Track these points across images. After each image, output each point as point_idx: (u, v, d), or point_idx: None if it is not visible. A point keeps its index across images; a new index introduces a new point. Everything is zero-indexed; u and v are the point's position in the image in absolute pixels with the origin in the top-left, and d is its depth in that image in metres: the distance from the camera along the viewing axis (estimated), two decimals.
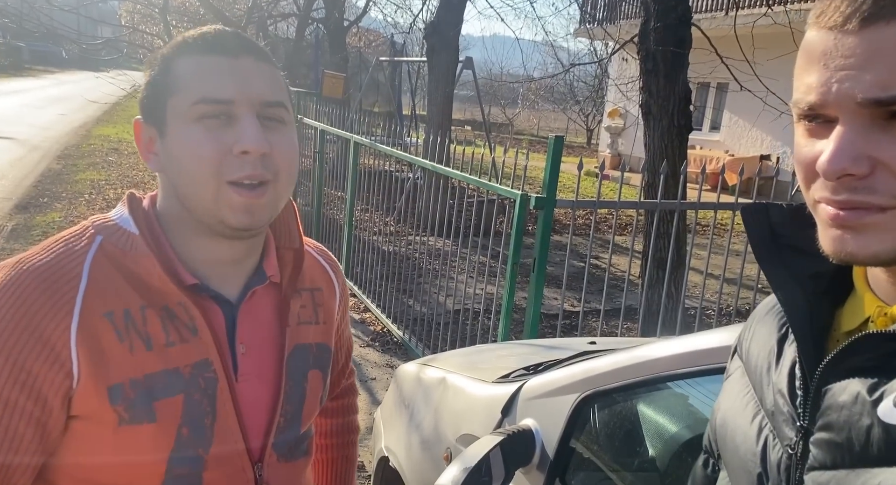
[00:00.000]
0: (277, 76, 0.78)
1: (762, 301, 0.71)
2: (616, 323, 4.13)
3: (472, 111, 23.14)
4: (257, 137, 0.73)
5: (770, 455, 0.59)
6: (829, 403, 0.53)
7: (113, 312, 0.73)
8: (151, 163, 0.79)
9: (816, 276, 0.62)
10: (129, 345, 0.73)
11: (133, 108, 17.01)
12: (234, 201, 0.74)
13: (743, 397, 0.65)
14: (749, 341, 0.68)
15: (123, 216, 0.79)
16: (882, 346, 0.51)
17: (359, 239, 5.10)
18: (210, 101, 0.73)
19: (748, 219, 0.65)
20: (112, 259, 0.75)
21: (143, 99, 0.79)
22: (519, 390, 1.46)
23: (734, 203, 3.22)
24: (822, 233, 0.55)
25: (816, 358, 0.57)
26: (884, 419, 0.48)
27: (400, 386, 2.08)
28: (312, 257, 0.94)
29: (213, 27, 0.78)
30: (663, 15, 3.68)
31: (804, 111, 0.54)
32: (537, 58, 21.86)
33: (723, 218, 7.77)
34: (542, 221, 2.83)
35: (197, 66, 0.74)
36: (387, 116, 9.84)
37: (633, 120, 12.85)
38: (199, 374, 0.76)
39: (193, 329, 0.77)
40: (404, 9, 15.72)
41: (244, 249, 0.82)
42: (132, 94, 11.09)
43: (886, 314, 0.55)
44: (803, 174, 0.56)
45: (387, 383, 3.68)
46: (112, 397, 0.71)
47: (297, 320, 0.88)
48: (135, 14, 11.64)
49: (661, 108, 3.80)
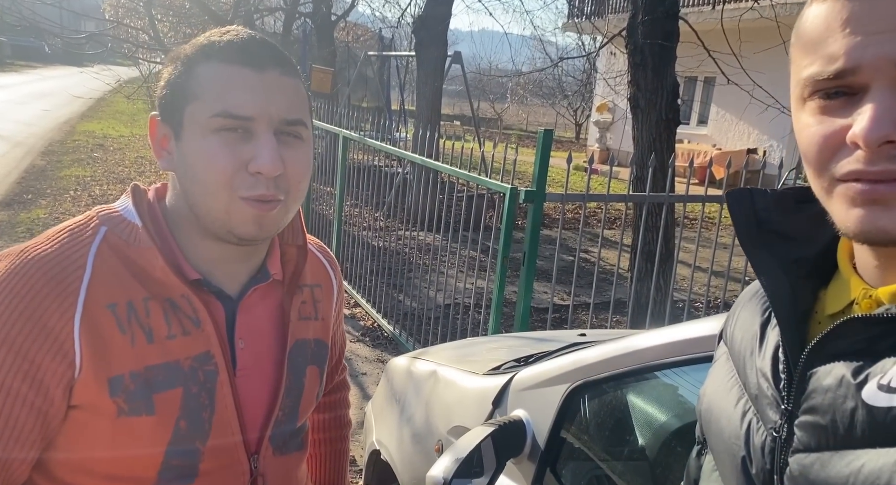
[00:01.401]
0: (301, 90, 0.77)
1: (747, 287, 0.72)
2: (605, 316, 4.15)
3: (460, 106, 23.12)
4: (273, 158, 0.72)
5: (754, 438, 0.59)
6: (814, 386, 0.54)
7: (116, 304, 0.73)
8: (163, 161, 0.79)
9: (799, 260, 0.62)
10: (130, 337, 0.73)
11: (118, 102, 16.82)
12: (244, 213, 0.74)
13: (727, 382, 0.66)
14: (733, 326, 0.69)
15: (128, 207, 0.79)
16: (866, 329, 0.51)
17: (348, 234, 5.09)
18: (230, 116, 0.72)
19: (733, 204, 0.65)
20: (116, 250, 0.75)
21: (161, 97, 0.78)
22: (510, 381, 1.47)
23: (722, 196, 3.25)
24: (843, 213, 0.53)
25: (799, 342, 0.58)
26: (868, 402, 0.49)
27: (391, 380, 2.08)
28: (313, 254, 0.95)
29: (241, 32, 0.76)
30: (651, 9, 3.70)
31: (824, 84, 0.52)
32: (526, 52, 21.87)
33: (710, 211, 7.83)
34: (531, 215, 2.84)
35: (221, 76, 0.73)
36: (375, 111, 9.80)
37: (621, 114, 12.89)
38: (199, 367, 0.77)
39: (196, 321, 0.77)
40: (392, 3, 15.66)
41: (249, 251, 0.82)
42: (117, 90, 10.93)
43: (871, 297, 0.55)
44: (818, 154, 0.53)
45: (377, 377, 3.69)
46: (112, 389, 0.72)
47: (299, 316, 0.88)
48: (119, 8, 11.49)
49: (650, 102, 3.81)
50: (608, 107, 14.61)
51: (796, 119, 0.57)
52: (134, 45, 9.52)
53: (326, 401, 1.12)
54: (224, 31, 0.77)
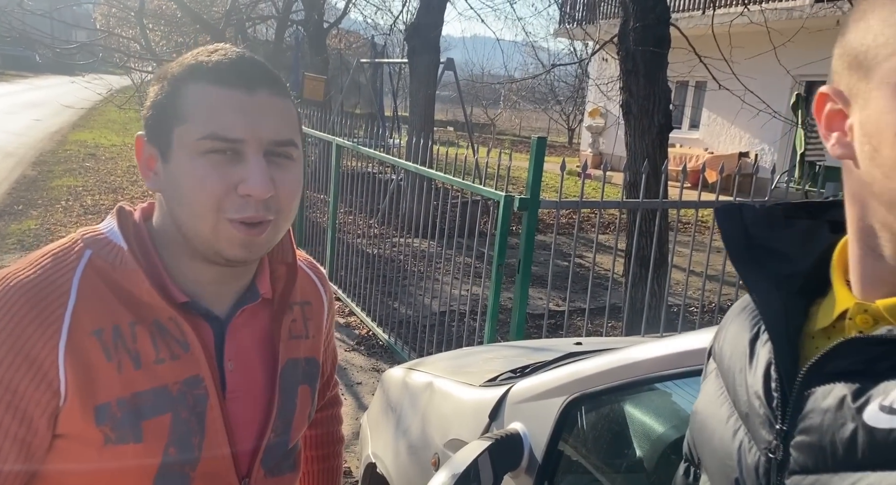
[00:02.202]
0: (291, 110, 0.76)
1: (735, 303, 0.71)
2: (601, 322, 4.15)
3: (453, 112, 23.16)
4: (263, 181, 0.71)
5: (746, 459, 0.58)
6: (812, 406, 0.53)
7: (102, 330, 0.71)
8: (150, 181, 0.77)
9: (790, 276, 0.61)
10: (117, 363, 0.71)
11: (110, 112, 16.74)
12: (232, 236, 0.73)
13: (718, 399, 0.65)
14: (722, 342, 0.68)
15: (113, 229, 0.77)
16: (865, 350, 0.50)
17: (342, 242, 5.07)
18: (219, 139, 0.71)
19: (722, 220, 0.64)
20: (101, 274, 0.73)
21: (148, 118, 0.76)
22: (506, 393, 1.45)
23: (715, 201, 3.25)
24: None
25: (792, 359, 0.57)
26: (869, 423, 0.48)
27: (386, 391, 2.06)
28: (302, 270, 0.93)
29: (229, 50, 0.75)
30: (642, 15, 3.71)
31: None
32: (518, 58, 21.95)
33: (703, 215, 7.86)
34: (526, 222, 2.83)
35: (209, 98, 0.71)
36: (368, 118, 9.81)
37: (613, 119, 12.95)
38: (189, 391, 0.75)
39: (185, 344, 0.75)
40: (384, 10, 15.69)
41: (238, 271, 0.80)
42: (109, 99, 10.88)
43: (867, 311, 0.54)
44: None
45: (372, 387, 3.66)
46: (98, 417, 0.70)
47: (289, 335, 0.87)
48: (110, 18, 11.47)
49: (642, 108, 3.82)
50: (600, 112, 14.66)
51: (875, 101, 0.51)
52: (125, 54, 9.49)
53: (318, 417, 1.10)
54: (213, 49, 0.75)
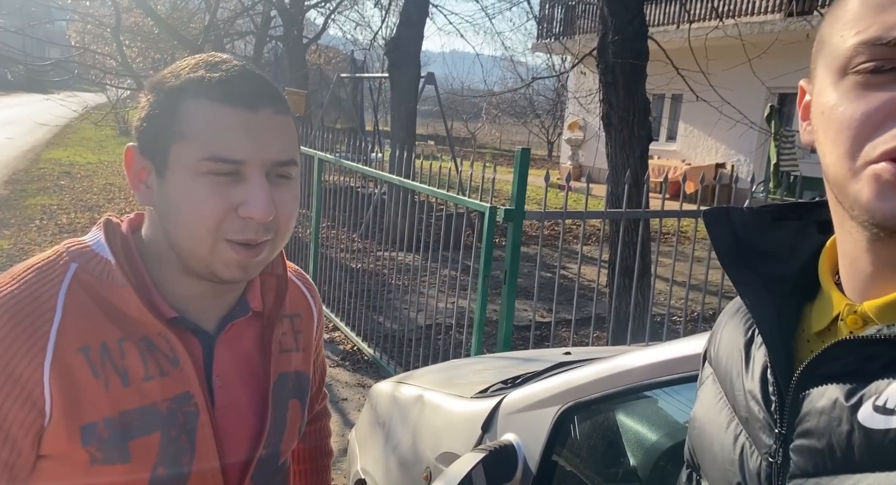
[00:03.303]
0: (292, 128, 0.74)
1: (727, 305, 0.70)
2: (586, 332, 4.15)
3: (434, 126, 23.26)
4: (266, 204, 0.69)
5: (748, 463, 0.58)
6: (808, 409, 0.53)
7: (89, 347, 0.69)
8: (141, 195, 0.74)
9: (781, 278, 0.61)
10: (104, 381, 0.69)
11: (85, 129, 16.53)
12: (229, 258, 0.71)
13: (716, 405, 0.64)
14: (717, 347, 0.67)
15: (100, 242, 0.74)
16: (857, 351, 0.51)
17: (325, 257, 5.03)
18: (220, 160, 0.68)
19: (711, 224, 0.64)
20: (88, 289, 0.71)
21: (141, 130, 0.73)
22: (498, 404, 1.44)
23: (696, 211, 3.29)
24: (874, 198, 0.49)
25: (787, 362, 0.56)
26: (864, 424, 0.48)
27: (375, 406, 2.03)
28: (292, 282, 0.92)
29: (231, 66, 0.72)
30: (621, 28, 3.77)
31: (878, 53, 0.49)
32: (497, 73, 22.18)
33: (684, 226, 7.94)
34: (511, 233, 2.83)
35: (211, 117, 0.69)
36: (350, 133, 9.80)
37: (592, 132, 13.10)
38: (179, 408, 0.73)
39: (174, 360, 0.73)
40: (363, 26, 15.76)
41: (228, 287, 0.79)
42: (84, 116, 10.74)
43: (856, 312, 0.55)
44: (855, 132, 0.50)
45: (359, 402, 3.62)
46: (84, 438, 0.67)
47: (280, 348, 0.85)
48: (85, 34, 11.36)
49: (622, 119, 3.87)
50: (579, 125, 14.82)
51: (821, 99, 0.54)
52: (101, 70, 9.39)
53: (307, 431, 1.08)
54: (214, 63, 0.72)
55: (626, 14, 3.78)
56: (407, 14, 7.37)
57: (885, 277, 0.53)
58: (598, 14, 4.47)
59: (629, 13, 3.79)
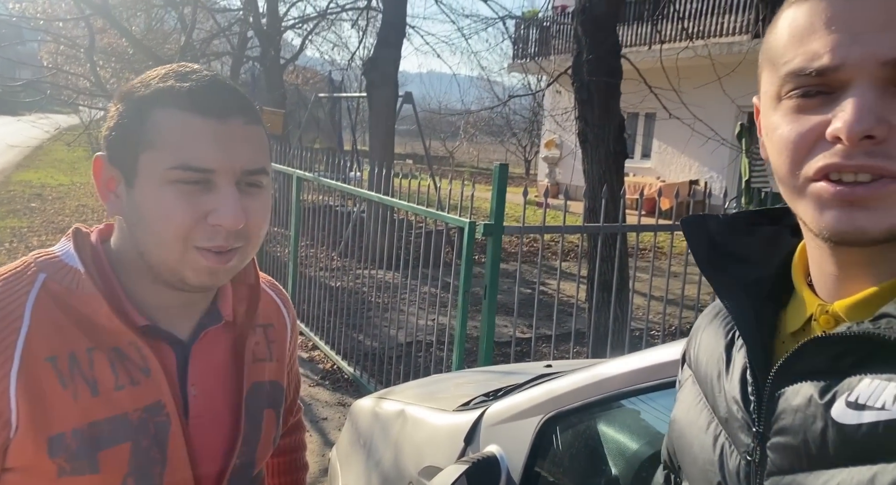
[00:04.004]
0: (263, 137, 0.75)
1: (706, 309, 0.72)
2: (566, 347, 4.17)
3: (412, 145, 23.36)
4: (235, 212, 0.70)
5: (728, 463, 0.59)
6: (783, 407, 0.54)
7: (57, 357, 0.68)
8: (110, 204, 0.74)
9: (758, 281, 0.63)
10: (72, 391, 0.68)
11: (58, 151, 16.27)
12: (198, 264, 0.71)
13: (696, 406, 0.65)
14: (697, 349, 0.69)
15: (69, 252, 0.74)
16: (828, 348, 0.52)
17: (304, 276, 5.00)
18: (190, 169, 0.68)
19: (688, 230, 0.66)
20: (56, 298, 0.70)
21: (110, 139, 0.73)
22: (481, 416, 1.44)
23: (672, 225, 3.34)
24: (817, 215, 0.52)
25: (765, 362, 0.58)
26: (838, 420, 0.49)
27: (355, 422, 2.02)
28: (265, 292, 0.91)
29: (201, 76, 0.72)
30: (595, 47, 3.85)
31: (805, 81, 0.52)
32: (474, 92, 22.42)
33: (660, 241, 8.05)
34: (491, 248, 2.85)
35: (180, 126, 0.69)
36: (328, 152, 9.82)
37: (569, 149, 13.28)
38: (150, 418, 0.72)
39: (145, 370, 0.72)
40: (341, 47, 15.83)
41: (199, 295, 0.79)
42: (57, 137, 10.57)
43: (828, 312, 0.56)
44: (792, 152, 0.53)
45: (339, 422, 3.57)
46: (52, 449, 0.66)
47: (253, 358, 0.85)
48: (58, 55, 11.25)
49: (598, 136, 3.94)
50: (556, 143, 15.02)
51: (766, 121, 0.58)
52: (74, 91, 9.28)
53: (282, 444, 1.07)
54: (183, 73, 0.72)
55: (600, 34, 3.87)
56: (384, 35, 7.44)
57: (851, 277, 0.55)
58: (572, 34, 4.57)
59: (603, 33, 3.88)
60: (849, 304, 0.55)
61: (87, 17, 7.52)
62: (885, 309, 0.51)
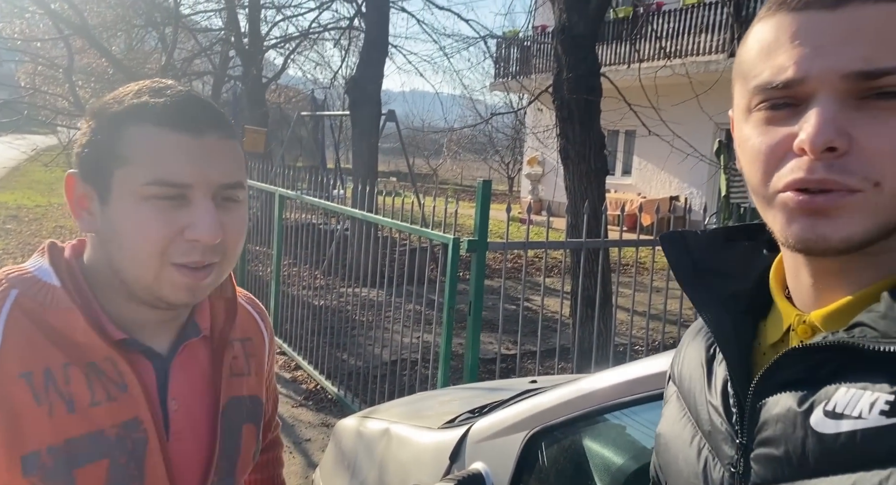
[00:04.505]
0: (238, 152, 0.75)
1: (690, 326, 0.73)
2: (551, 363, 4.17)
3: (396, 163, 23.43)
4: (212, 226, 0.69)
5: (712, 475, 0.59)
6: (765, 418, 0.54)
7: (32, 373, 0.67)
8: (83, 222, 0.73)
9: (736, 295, 0.64)
10: (48, 408, 0.67)
11: (35, 172, 16.05)
12: (176, 281, 0.70)
13: (680, 421, 0.66)
14: (681, 365, 0.70)
15: (42, 267, 0.73)
16: (806, 358, 0.53)
17: (287, 295, 4.95)
18: (165, 184, 0.68)
19: (667, 247, 0.67)
20: (30, 314, 0.69)
21: (83, 155, 0.72)
22: (466, 433, 1.43)
23: (653, 239, 3.38)
24: (784, 224, 0.54)
25: (746, 374, 0.59)
26: (817, 429, 0.50)
27: (339, 442, 1.99)
28: (242, 306, 0.91)
29: (175, 91, 0.72)
30: (574, 66, 3.91)
31: (772, 93, 0.53)
32: (457, 111, 22.59)
33: (643, 257, 8.12)
34: (475, 264, 2.85)
35: (154, 142, 0.68)
36: (311, 170, 9.80)
37: (551, 166, 13.39)
38: (127, 435, 0.71)
39: (122, 385, 0.71)
40: (323, 66, 15.87)
41: (175, 312, 0.78)
42: (34, 158, 10.42)
43: (805, 322, 0.57)
44: (763, 164, 0.55)
45: (322, 443, 3.52)
46: (26, 467, 0.65)
47: (230, 372, 0.84)
48: (36, 76, 11.15)
49: (579, 153, 3.98)
50: (538, 160, 15.15)
51: (739, 133, 0.59)
52: (52, 111, 9.19)
53: (260, 461, 1.06)
54: (158, 88, 0.72)
55: (580, 53, 3.93)
56: (367, 54, 7.49)
57: (826, 287, 0.57)
58: (552, 53, 4.63)
59: (582, 52, 3.94)
60: (824, 314, 0.56)
61: (66, 37, 7.48)
62: (858, 318, 0.52)
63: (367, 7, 7.70)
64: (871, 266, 0.54)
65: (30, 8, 8.17)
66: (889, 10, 0.50)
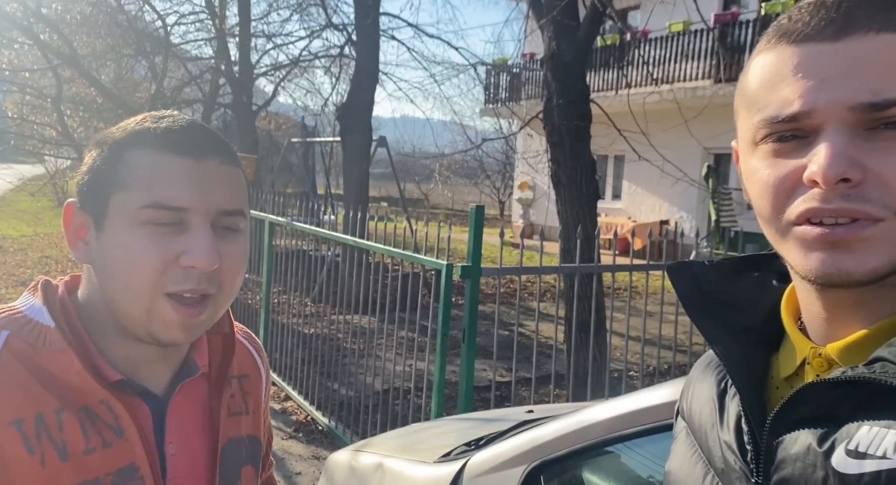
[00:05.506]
0: (241, 180, 0.73)
1: (699, 359, 0.71)
2: (546, 390, 4.11)
3: (387, 188, 23.49)
4: (209, 252, 0.66)
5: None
6: (783, 456, 0.52)
7: (22, 420, 0.63)
8: (79, 252, 0.71)
9: (747, 327, 0.62)
10: (40, 457, 0.63)
11: (21, 201, 15.95)
12: (168, 317, 0.67)
13: (691, 459, 0.64)
14: (690, 400, 0.68)
15: (34, 306, 0.70)
16: (825, 394, 0.51)
17: (277, 323, 4.88)
18: (162, 208, 0.66)
19: (674, 277, 0.66)
20: (21, 357, 0.66)
21: (82, 183, 0.71)
22: (463, 468, 1.38)
23: (647, 265, 3.36)
24: (801, 256, 0.52)
25: (760, 410, 0.57)
26: (838, 469, 0.48)
27: (331, 477, 1.92)
28: (239, 342, 0.88)
29: (178, 118, 0.71)
30: (564, 92, 3.94)
31: (778, 127, 0.53)
32: (447, 136, 22.80)
33: (636, 281, 8.12)
34: (469, 291, 2.81)
35: (153, 165, 0.67)
36: (301, 196, 9.79)
37: (542, 191, 13.47)
38: (123, 483, 0.67)
39: (118, 430, 0.67)
40: (314, 92, 16.00)
41: (172, 349, 0.74)
42: (20, 188, 10.36)
43: (821, 355, 0.55)
44: (773, 197, 0.54)
45: (313, 477, 3.43)
46: None
47: (228, 412, 0.80)
48: (24, 106, 11.14)
49: (570, 178, 3.99)
50: (529, 184, 15.24)
51: (746, 165, 0.58)
52: (40, 141, 9.16)
53: None
54: (160, 115, 0.71)
55: (569, 79, 3.97)
56: (357, 81, 7.56)
57: (841, 319, 0.55)
58: (541, 80, 4.68)
59: (572, 79, 3.98)
60: (841, 347, 0.54)
61: (55, 67, 7.49)
62: (878, 352, 0.50)
63: (358, 36, 7.79)
64: (886, 298, 0.52)
65: (18, 38, 8.18)
66: (891, 41, 0.49)
